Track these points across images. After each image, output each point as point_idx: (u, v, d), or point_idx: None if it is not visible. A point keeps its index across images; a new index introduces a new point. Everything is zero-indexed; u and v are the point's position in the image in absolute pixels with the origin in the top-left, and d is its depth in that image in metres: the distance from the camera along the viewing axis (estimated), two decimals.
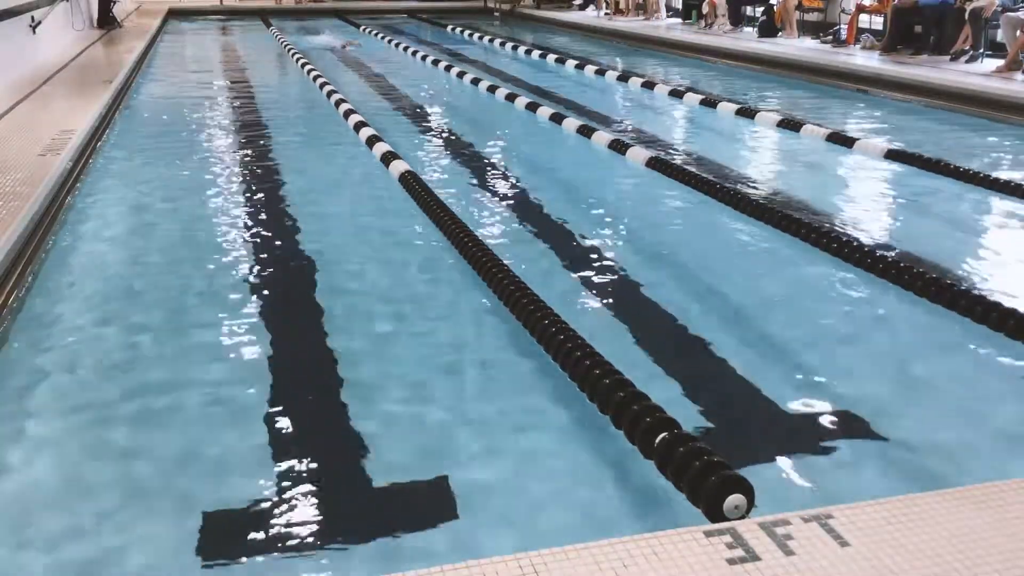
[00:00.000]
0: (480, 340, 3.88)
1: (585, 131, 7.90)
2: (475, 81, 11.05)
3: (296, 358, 3.73)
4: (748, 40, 14.22)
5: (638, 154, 6.99)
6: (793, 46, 13.26)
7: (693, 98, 9.81)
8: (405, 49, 14.55)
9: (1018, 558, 2.00)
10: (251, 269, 4.70)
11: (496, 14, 22.73)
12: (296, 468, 2.87)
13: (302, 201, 6.02)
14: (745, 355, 3.70)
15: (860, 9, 13.08)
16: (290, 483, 2.78)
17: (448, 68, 12.30)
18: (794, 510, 2.19)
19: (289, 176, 6.67)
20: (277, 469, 2.85)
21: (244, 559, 2.44)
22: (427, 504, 2.69)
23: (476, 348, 3.81)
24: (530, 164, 7.30)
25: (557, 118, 8.49)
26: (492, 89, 10.36)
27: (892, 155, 7.03)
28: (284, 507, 2.66)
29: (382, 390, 3.39)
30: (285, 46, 14.96)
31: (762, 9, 15.18)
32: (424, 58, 13.58)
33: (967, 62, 10.82)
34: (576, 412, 3.18)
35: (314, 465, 2.90)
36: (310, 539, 2.52)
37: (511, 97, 9.73)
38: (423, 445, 3.01)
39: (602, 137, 7.62)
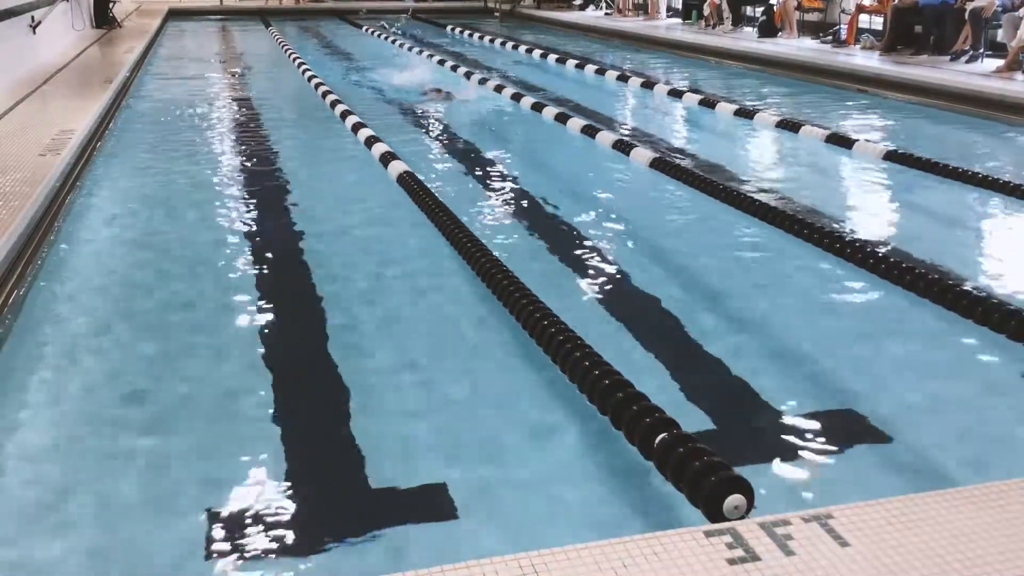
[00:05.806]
0: (478, 340, 3.88)
1: (589, 131, 7.89)
2: (481, 81, 11.04)
3: (294, 356, 3.74)
4: (748, 40, 14.21)
5: (642, 155, 6.98)
6: (793, 46, 13.26)
7: (692, 98, 9.80)
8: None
9: (1018, 558, 2.00)
10: (251, 268, 4.70)
11: (496, 14, 22.72)
12: (297, 467, 2.87)
13: (301, 200, 6.01)
14: (745, 354, 3.70)
15: (860, 9, 13.08)
16: (291, 482, 2.78)
17: (455, 68, 12.29)
18: (794, 510, 2.19)
19: (288, 175, 6.66)
20: (278, 468, 2.85)
21: (243, 559, 2.44)
22: (425, 503, 2.69)
23: (473, 348, 3.81)
24: (529, 164, 7.30)
25: (562, 117, 8.46)
26: (499, 88, 10.35)
27: (891, 156, 7.02)
28: (283, 507, 2.66)
29: (381, 388, 3.40)
30: (283, 46, 14.94)
31: (762, 9, 15.18)
32: (430, 57, 13.57)
33: (967, 62, 10.82)
34: (575, 412, 3.18)
35: (313, 463, 2.91)
36: (308, 538, 2.53)
37: (516, 97, 9.72)
38: (420, 445, 3.01)
39: (606, 137, 7.61)
